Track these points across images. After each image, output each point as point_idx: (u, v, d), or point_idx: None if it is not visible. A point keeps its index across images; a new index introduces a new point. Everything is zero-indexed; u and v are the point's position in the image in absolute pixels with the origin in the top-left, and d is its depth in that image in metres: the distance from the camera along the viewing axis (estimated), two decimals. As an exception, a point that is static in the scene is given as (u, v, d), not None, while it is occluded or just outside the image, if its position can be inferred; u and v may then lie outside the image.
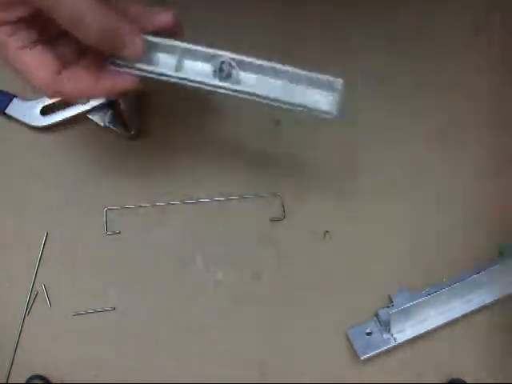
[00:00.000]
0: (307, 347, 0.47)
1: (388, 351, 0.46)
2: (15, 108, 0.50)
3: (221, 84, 0.38)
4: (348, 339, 0.46)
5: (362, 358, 0.45)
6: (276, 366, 0.47)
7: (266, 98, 0.38)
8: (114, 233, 0.49)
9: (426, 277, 0.48)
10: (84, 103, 0.50)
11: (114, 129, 0.51)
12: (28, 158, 0.51)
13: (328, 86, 0.38)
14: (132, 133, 0.50)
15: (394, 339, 0.45)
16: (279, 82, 0.38)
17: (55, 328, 0.47)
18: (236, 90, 0.39)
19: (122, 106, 0.50)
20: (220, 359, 0.47)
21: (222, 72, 0.38)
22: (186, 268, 0.49)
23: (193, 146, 0.51)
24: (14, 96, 0.51)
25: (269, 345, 0.47)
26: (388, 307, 0.46)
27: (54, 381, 0.46)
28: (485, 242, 0.49)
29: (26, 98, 0.51)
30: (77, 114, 0.51)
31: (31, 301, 0.48)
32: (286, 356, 0.47)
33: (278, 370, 0.46)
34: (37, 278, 0.48)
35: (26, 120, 0.51)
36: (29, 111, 0.50)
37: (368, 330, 0.46)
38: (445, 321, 0.46)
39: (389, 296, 0.47)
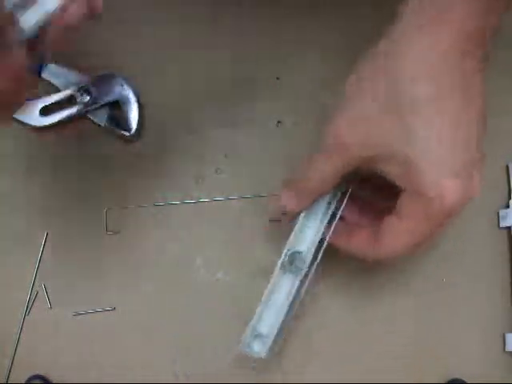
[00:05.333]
0: (308, 347, 0.47)
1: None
2: (15, 108, 0.50)
3: None
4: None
5: None
6: (276, 365, 0.47)
7: None
8: (114, 233, 0.49)
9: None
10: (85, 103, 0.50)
11: (114, 129, 0.51)
12: (28, 158, 0.51)
13: None
14: (132, 133, 0.50)
15: None
16: None
17: (55, 328, 0.47)
18: None
19: (122, 105, 0.50)
20: (221, 359, 0.47)
21: None
22: (186, 268, 0.49)
23: (193, 145, 0.51)
24: (14, 96, 0.51)
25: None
26: None
27: (54, 381, 0.46)
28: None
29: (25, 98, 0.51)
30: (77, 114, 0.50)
31: (31, 301, 0.48)
32: (287, 355, 0.47)
33: (278, 370, 0.47)
34: (37, 278, 0.48)
35: (26, 120, 0.50)
36: (29, 111, 0.50)
37: None
38: None
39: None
